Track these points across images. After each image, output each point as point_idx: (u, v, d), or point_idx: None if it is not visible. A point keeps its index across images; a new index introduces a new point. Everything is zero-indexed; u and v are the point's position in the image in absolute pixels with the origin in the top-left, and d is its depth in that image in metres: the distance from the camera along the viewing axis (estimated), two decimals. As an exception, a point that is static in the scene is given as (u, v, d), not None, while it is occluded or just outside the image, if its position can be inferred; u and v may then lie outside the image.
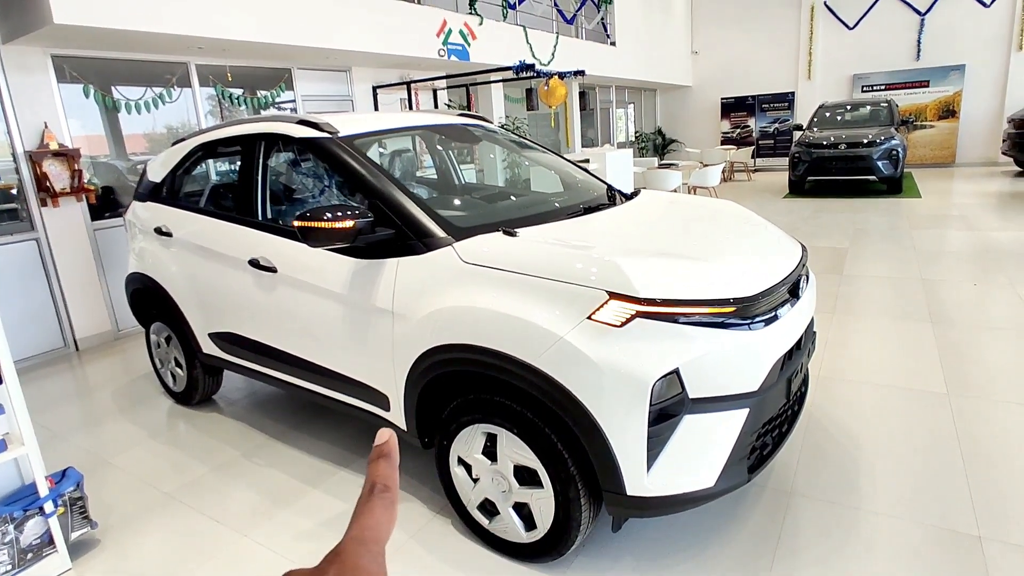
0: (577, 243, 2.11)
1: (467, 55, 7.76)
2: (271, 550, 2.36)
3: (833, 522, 2.31)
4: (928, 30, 13.30)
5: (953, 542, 2.17)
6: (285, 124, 2.87)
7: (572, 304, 1.87)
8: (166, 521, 2.62)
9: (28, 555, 2.24)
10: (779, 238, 2.52)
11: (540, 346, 1.87)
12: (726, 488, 1.95)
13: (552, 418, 1.95)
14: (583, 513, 1.98)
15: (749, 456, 2.03)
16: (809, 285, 2.44)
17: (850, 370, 3.60)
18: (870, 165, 10.07)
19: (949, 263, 5.74)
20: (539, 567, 2.17)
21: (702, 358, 1.84)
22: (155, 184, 3.61)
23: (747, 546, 2.22)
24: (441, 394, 2.30)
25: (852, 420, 3.04)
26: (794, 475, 2.62)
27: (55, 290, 4.89)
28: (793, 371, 2.16)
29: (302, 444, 3.17)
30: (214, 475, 2.95)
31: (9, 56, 4.47)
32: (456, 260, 2.14)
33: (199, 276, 3.21)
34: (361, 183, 2.46)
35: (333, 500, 2.66)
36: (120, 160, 5.77)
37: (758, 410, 1.96)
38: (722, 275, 2.00)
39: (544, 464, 1.98)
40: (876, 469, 2.62)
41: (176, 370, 3.71)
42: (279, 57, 6.34)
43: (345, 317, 2.46)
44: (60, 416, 3.78)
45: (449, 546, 2.32)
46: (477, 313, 2.02)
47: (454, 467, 2.27)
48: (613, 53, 11.88)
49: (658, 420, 1.82)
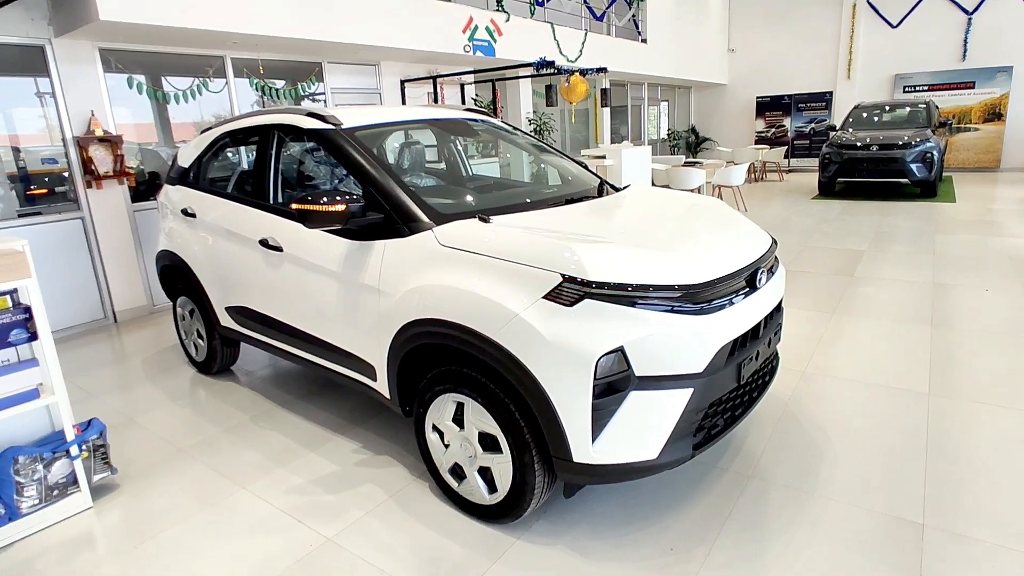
0: (544, 230, 2.28)
1: (492, 51, 7.95)
2: (264, 500, 2.62)
3: (783, 505, 2.43)
4: (975, 30, 12.87)
5: (895, 528, 2.27)
6: (296, 116, 3.11)
7: (530, 284, 2.05)
8: (178, 472, 2.91)
9: (54, 492, 2.55)
10: (748, 232, 2.63)
11: (500, 322, 2.05)
12: (669, 461, 2.10)
13: (510, 389, 2.13)
14: (537, 478, 2.16)
15: (696, 433, 2.18)
16: (774, 277, 2.55)
17: (837, 368, 3.67)
18: (903, 167, 9.86)
19: (966, 268, 5.67)
20: (500, 528, 2.36)
21: (648, 339, 1.99)
22: (184, 169, 3.93)
23: (698, 520, 2.36)
24: (419, 365, 2.51)
25: (828, 414, 3.12)
26: (758, 460, 2.74)
27: (97, 266, 5.30)
28: (746, 357, 2.28)
29: (305, 412, 3.44)
30: (224, 435, 3.24)
31: (61, 49, 4.87)
32: (434, 243, 2.34)
33: (217, 254, 3.49)
34: (358, 171, 2.68)
35: (324, 462, 2.90)
36: (166, 147, 6.17)
37: (703, 391, 2.10)
38: (675, 262, 2.14)
39: (503, 431, 2.16)
40: (839, 460, 2.72)
41: (198, 341, 4.02)
42: (310, 52, 6.65)
43: (338, 293, 2.69)
44: (95, 379, 4.14)
45: (423, 506, 2.53)
46: (449, 291, 2.21)
47: (429, 433, 2.48)
48: (644, 50, 11.89)
49: (604, 394, 1.98)
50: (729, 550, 2.20)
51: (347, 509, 2.53)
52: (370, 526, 2.42)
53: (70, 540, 2.45)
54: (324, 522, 2.46)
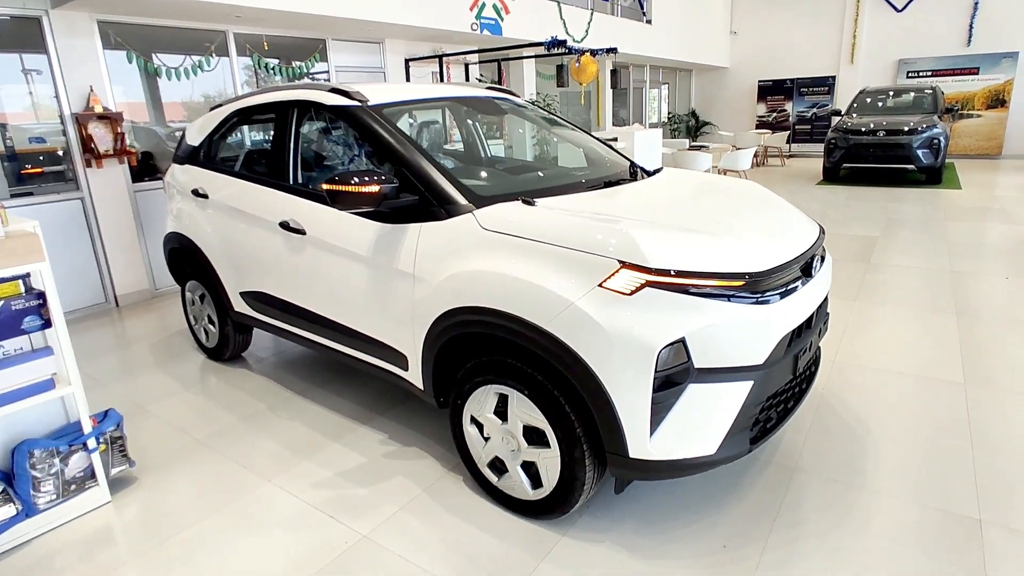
0: (593, 214, 2.17)
1: (500, 30, 7.74)
2: (292, 494, 2.52)
3: (833, 498, 2.36)
4: (981, 14, 12.75)
5: (952, 524, 2.20)
6: (318, 92, 2.96)
7: (585, 272, 1.94)
8: (197, 464, 2.79)
9: (72, 486, 2.42)
10: (797, 218, 2.53)
11: (552, 311, 1.94)
12: (727, 457, 2.01)
13: (561, 381, 2.03)
14: (587, 473, 2.07)
15: (752, 428, 2.09)
16: (824, 266, 2.46)
17: (867, 356, 3.60)
18: (909, 154, 9.79)
19: (982, 256, 5.62)
20: (543, 524, 2.27)
21: (709, 329, 1.89)
22: (193, 148, 3.76)
23: (747, 516, 2.29)
24: (457, 355, 2.40)
25: (864, 404, 3.06)
26: (800, 452, 2.67)
27: (98, 248, 5.12)
28: (801, 348, 2.19)
29: (325, 401, 3.32)
30: (242, 425, 3.12)
31: (58, 21, 4.64)
32: (476, 226, 2.22)
33: (232, 237, 3.35)
34: (388, 150, 2.54)
35: (351, 453, 2.80)
36: (159, 126, 5.97)
37: (762, 383, 2.01)
38: (734, 250, 2.04)
39: (552, 425, 2.06)
40: (882, 451, 2.66)
41: (209, 327, 3.89)
42: (314, 27, 6.43)
43: (368, 279, 2.57)
44: (101, 366, 4.00)
45: (459, 500, 2.44)
46: (494, 277, 2.10)
47: (467, 426, 2.38)
48: (649, 31, 11.69)
49: (663, 387, 1.88)
50: (783, 548, 2.12)
51: (380, 504, 2.43)
52: (406, 522, 2.33)
53: (90, 537, 2.34)
54: (357, 518, 2.36)
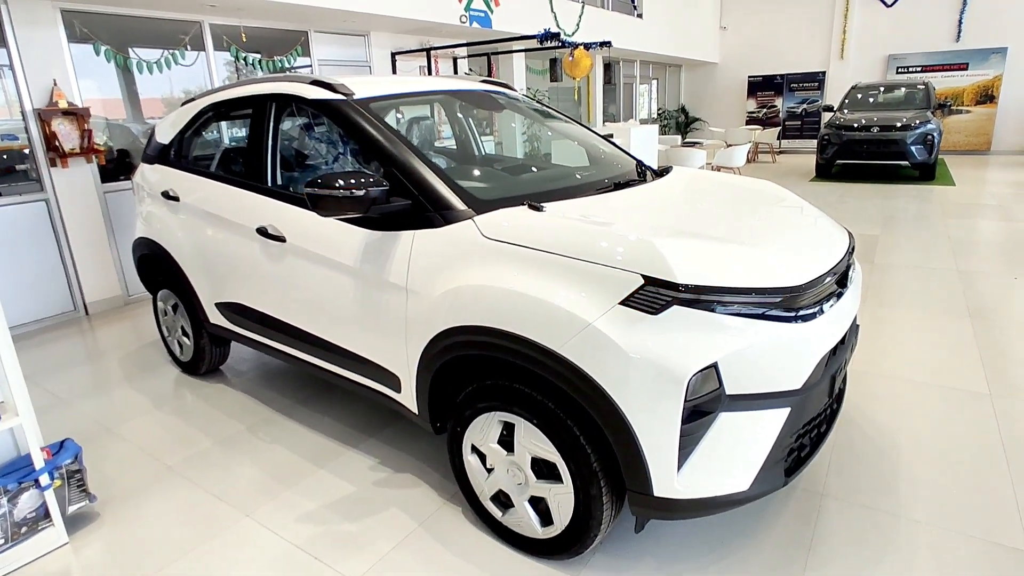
0: (609, 221, 1.94)
1: (489, 22, 7.48)
2: (272, 531, 2.26)
3: (869, 528, 2.17)
4: (970, 11, 12.71)
5: (1000, 556, 2.01)
6: (298, 84, 2.70)
7: (603, 287, 1.71)
8: (168, 496, 2.53)
9: (22, 528, 2.16)
10: (825, 224, 2.32)
11: (566, 332, 1.71)
12: (761, 492, 1.80)
13: (576, 410, 1.80)
14: (604, 512, 1.85)
15: (786, 458, 1.88)
16: (856, 276, 2.25)
17: (885, 364, 3.42)
18: (903, 150, 9.70)
19: (986, 255, 5.48)
20: (553, 564, 2.05)
21: (743, 352, 1.67)
22: (163, 146, 3.47)
23: (777, 551, 2.08)
24: (456, 378, 2.16)
25: (888, 418, 2.87)
26: (826, 475, 2.47)
27: (65, 253, 4.80)
28: (837, 368, 1.99)
29: (308, 420, 3.07)
30: (218, 449, 2.86)
31: (17, 9, 4.31)
32: (477, 235, 1.98)
33: (206, 243, 3.08)
34: (377, 149, 2.29)
35: (339, 481, 2.55)
36: (136, 123, 5.64)
37: (800, 409, 1.80)
38: (767, 262, 1.82)
39: (565, 458, 1.84)
40: (914, 473, 2.46)
41: (183, 339, 3.61)
42: (296, 18, 6.13)
43: (356, 292, 2.32)
44: (66, 381, 3.71)
45: (460, 536, 2.20)
46: (498, 293, 1.86)
47: (467, 455, 2.14)
48: (640, 25, 11.49)
49: (692, 417, 1.66)
50: (821, 588, 1.92)
51: (372, 541, 2.19)
52: (402, 562, 2.09)
53: (43, 585, 2.08)
54: (346, 558, 2.12)
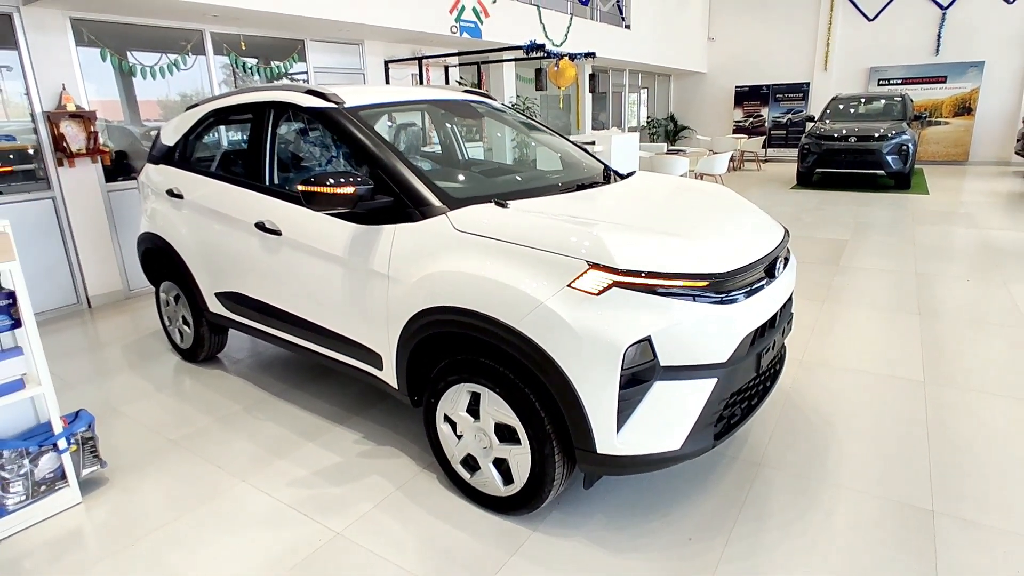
0: (564, 216, 2.22)
1: (479, 33, 7.79)
2: (266, 493, 2.53)
3: (797, 492, 2.44)
4: (949, 25, 13.13)
5: (907, 515, 2.29)
6: (294, 93, 2.98)
7: (554, 272, 1.99)
8: (171, 465, 2.78)
9: (42, 487, 2.41)
10: (762, 221, 2.61)
11: (523, 310, 1.99)
12: (692, 452, 2.08)
13: (531, 379, 2.08)
14: (557, 469, 2.12)
15: (716, 423, 2.16)
16: (788, 267, 2.54)
17: (833, 356, 3.71)
18: (879, 159, 10.05)
19: (946, 259, 5.80)
20: (514, 520, 2.32)
21: (674, 328, 1.95)
22: (168, 148, 3.74)
23: (713, 510, 2.36)
24: (430, 355, 2.44)
25: (828, 402, 3.15)
26: (766, 449, 2.75)
27: (70, 248, 5.05)
28: (764, 347, 2.27)
29: (301, 401, 3.33)
30: (217, 426, 3.11)
31: (29, 17, 4.58)
32: (449, 228, 2.26)
33: (207, 237, 3.34)
34: (364, 152, 2.57)
35: (327, 452, 2.81)
36: (134, 125, 5.90)
37: (726, 381, 2.08)
38: (699, 251, 2.10)
39: (522, 422, 2.11)
40: (844, 448, 2.75)
41: (184, 328, 3.87)
42: (291, 28, 6.41)
43: (344, 279, 2.59)
44: (73, 367, 3.96)
45: (433, 498, 2.47)
46: (466, 278, 2.14)
47: (440, 424, 2.41)
48: (628, 36, 11.83)
49: (629, 384, 1.94)
50: (747, 539, 2.19)
51: (354, 502, 2.46)
52: (380, 520, 2.35)
53: (60, 538, 2.33)
54: (331, 516, 2.38)
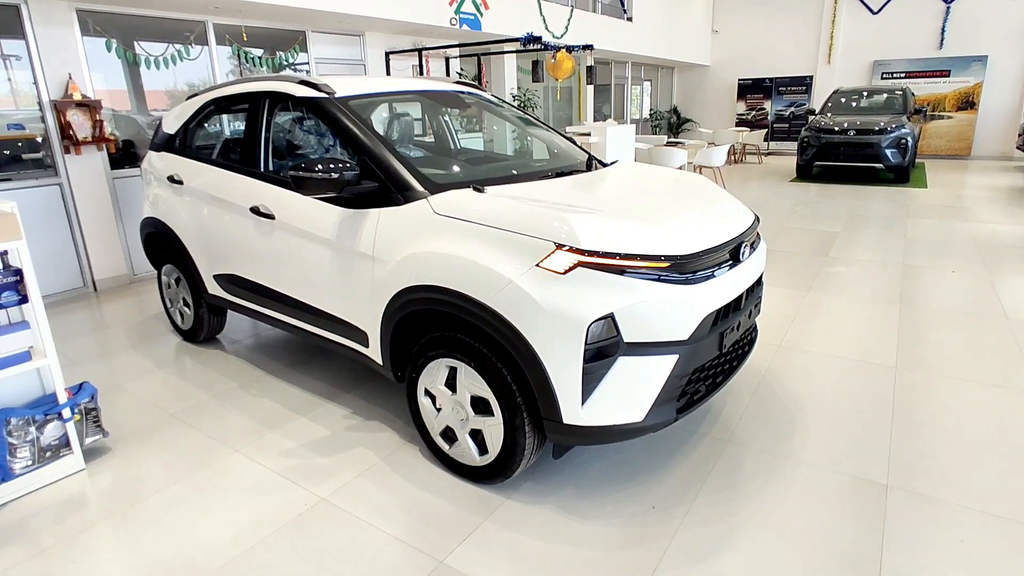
0: (536, 200, 2.34)
1: (479, 25, 7.88)
2: (257, 462, 2.68)
3: (759, 467, 2.57)
4: (953, 19, 13.09)
5: (862, 489, 2.41)
6: (288, 84, 3.10)
7: (524, 252, 2.11)
8: (169, 436, 2.94)
9: (47, 453, 2.57)
10: (731, 207, 2.73)
11: (494, 288, 2.12)
12: (654, 424, 2.20)
13: (503, 353, 2.21)
14: (527, 439, 2.25)
15: (679, 398, 2.28)
16: (756, 252, 2.65)
17: (811, 342, 3.82)
18: (878, 153, 10.09)
19: (935, 251, 5.88)
20: (490, 488, 2.45)
21: (637, 306, 2.07)
22: (169, 135, 3.88)
23: (678, 482, 2.49)
24: (412, 331, 2.57)
25: (801, 385, 3.27)
26: (735, 426, 2.88)
27: (76, 234, 5.21)
28: (728, 327, 2.39)
29: (294, 379, 3.48)
30: (214, 402, 3.27)
31: (36, 8, 4.72)
32: (429, 211, 2.39)
33: (206, 222, 3.48)
34: (352, 140, 2.70)
35: (315, 426, 2.96)
36: (140, 115, 6.05)
37: (688, 357, 2.20)
38: (663, 234, 2.22)
39: (495, 395, 2.24)
40: (811, 427, 2.87)
41: (184, 309, 4.02)
42: (293, 19, 6.53)
43: (332, 261, 2.73)
44: (78, 347, 4.12)
45: (414, 468, 2.61)
46: (444, 258, 2.27)
47: (421, 397, 2.55)
48: (630, 29, 11.87)
49: (594, 359, 2.07)
50: (707, 509, 2.32)
51: (340, 471, 2.60)
52: (363, 487, 2.50)
53: (64, 501, 2.48)
54: (317, 483, 2.52)
